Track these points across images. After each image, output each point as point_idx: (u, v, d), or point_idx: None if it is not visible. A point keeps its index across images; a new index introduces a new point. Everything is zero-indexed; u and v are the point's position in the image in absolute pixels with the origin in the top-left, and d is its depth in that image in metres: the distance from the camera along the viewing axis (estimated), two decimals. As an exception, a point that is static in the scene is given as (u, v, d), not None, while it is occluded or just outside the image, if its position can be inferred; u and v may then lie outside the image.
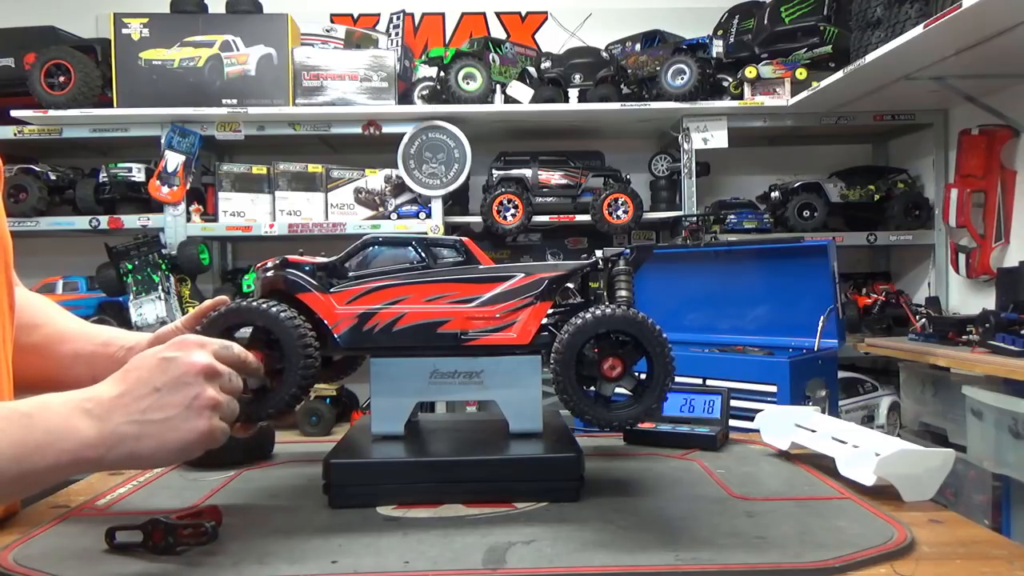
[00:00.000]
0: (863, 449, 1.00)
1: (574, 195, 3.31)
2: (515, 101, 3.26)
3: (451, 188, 3.22)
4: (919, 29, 2.26)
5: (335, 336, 0.99)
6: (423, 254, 1.02)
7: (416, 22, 3.90)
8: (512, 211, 3.22)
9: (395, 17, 3.76)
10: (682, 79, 3.17)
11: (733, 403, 1.34)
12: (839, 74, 2.76)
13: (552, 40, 3.83)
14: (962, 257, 3.03)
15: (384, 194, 3.28)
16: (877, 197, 3.36)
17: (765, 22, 3.25)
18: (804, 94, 3.04)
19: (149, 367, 0.81)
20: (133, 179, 3.20)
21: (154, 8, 3.20)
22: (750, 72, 3.18)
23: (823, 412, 1.62)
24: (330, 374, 1.18)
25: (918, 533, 0.83)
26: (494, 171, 3.32)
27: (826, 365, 2.35)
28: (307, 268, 1.01)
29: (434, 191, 3.22)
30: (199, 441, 0.80)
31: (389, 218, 3.27)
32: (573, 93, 3.36)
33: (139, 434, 0.78)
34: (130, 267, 3.05)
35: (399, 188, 3.27)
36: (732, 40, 3.41)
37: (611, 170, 3.38)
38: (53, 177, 3.21)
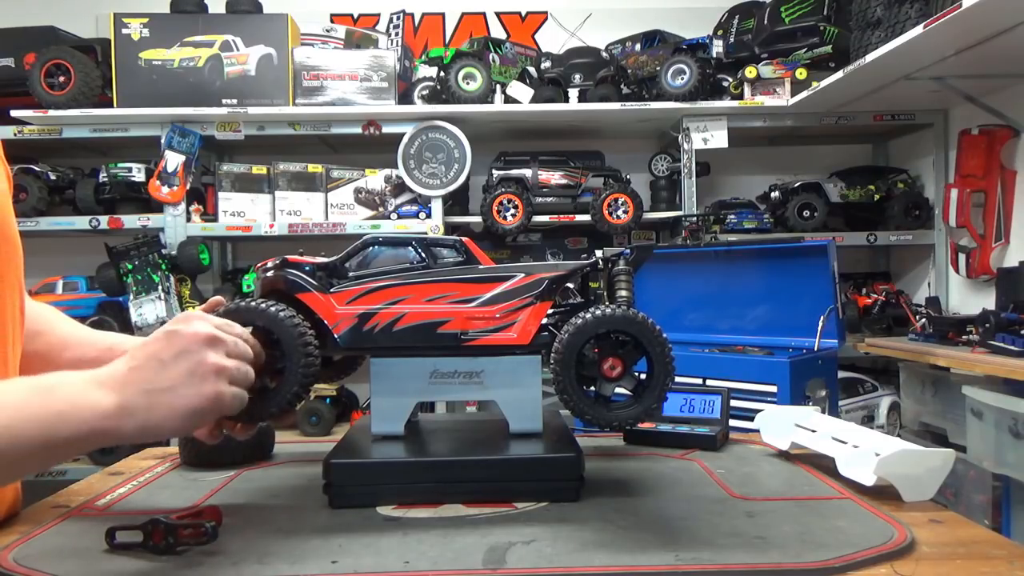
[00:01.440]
0: (863, 449, 1.00)
1: (574, 195, 3.31)
2: (515, 101, 3.26)
3: (451, 188, 3.22)
4: (919, 29, 2.26)
5: (335, 336, 0.99)
6: (423, 254, 1.02)
7: (416, 22, 3.90)
8: (512, 211, 3.22)
9: (395, 17, 3.76)
10: (682, 79, 3.17)
11: (733, 403, 1.34)
12: (839, 74, 2.76)
13: (552, 40, 3.83)
14: (962, 257, 3.03)
15: (384, 194, 3.28)
16: (877, 197, 3.36)
17: (765, 22, 3.25)
18: (804, 94, 3.04)
19: (156, 340, 0.85)
20: (133, 179, 3.20)
21: (154, 8, 3.20)
22: (750, 72, 3.18)
23: (823, 412, 1.62)
24: (330, 374, 1.18)
25: (918, 533, 0.83)
26: (494, 171, 3.32)
27: (826, 365, 2.35)
28: (307, 268, 1.01)
29: (434, 191, 3.22)
30: (208, 406, 0.83)
31: (389, 218, 3.27)
32: (573, 93, 3.36)
33: (149, 404, 0.81)
34: (130, 267, 3.05)
35: (399, 188, 3.27)
36: (732, 40, 3.41)
37: (611, 170, 3.38)
38: (53, 177, 3.21)
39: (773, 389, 2.22)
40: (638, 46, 3.32)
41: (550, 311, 1.02)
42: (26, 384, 0.81)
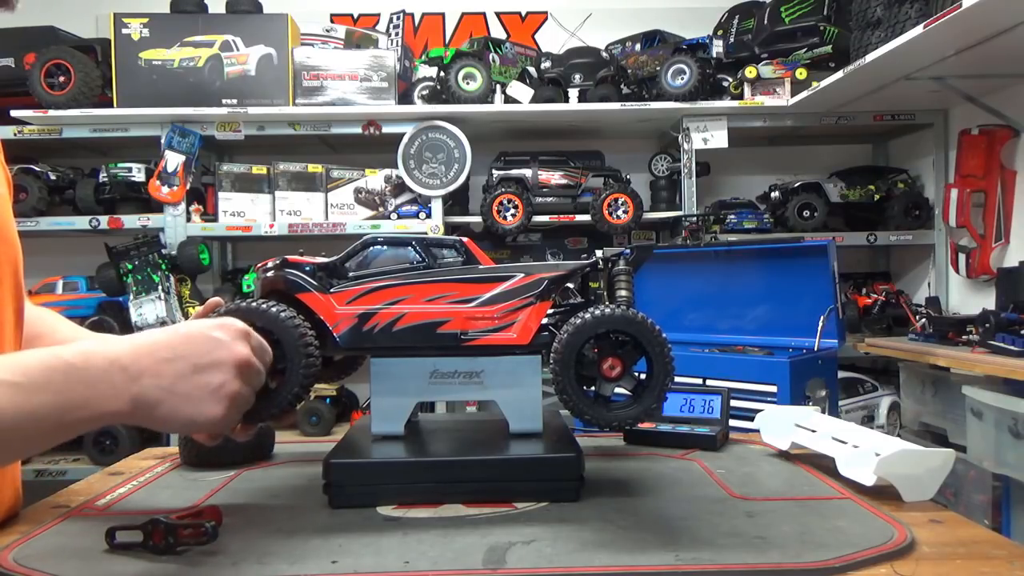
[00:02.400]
0: (863, 449, 1.00)
1: (574, 195, 3.31)
2: (515, 101, 3.26)
3: (451, 188, 3.22)
4: (919, 29, 2.26)
5: (335, 336, 0.99)
6: (423, 254, 1.02)
7: (416, 22, 3.90)
8: (512, 211, 3.22)
9: (395, 17, 3.76)
10: (682, 79, 3.17)
11: (733, 403, 1.34)
12: (839, 74, 2.76)
13: (552, 40, 3.83)
14: (962, 257, 3.03)
15: (384, 194, 3.28)
16: (877, 197, 3.36)
17: (765, 22, 3.25)
18: (804, 94, 3.04)
19: (199, 339, 0.84)
20: (133, 179, 3.20)
21: (154, 8, 3.20)
22: (750, 72, 3.18)
23: (823, 412, 1.62)
24: (330, 374, 1.18)
25: (918, 533, 0.83)
26: (494, 171, 3.32)
27: (826, 365, 2.35)
28: (307, 268, 1.01)
29: (434, 191, 3.22)
30: (208, 424, 0.84)
31: (389, 218, 3.27)
32: (573, 93, 3.36)
33: (160, 400, 0.81)
34: (130, 267, 3.05)
35: (399, 188, 3.27)
36: (732, 40, 3.41)
37: (611, 170, 3.38)
38: (53, 177, 3.21)
39: (773, 389, 2.22)
40: (638, 46, 3.32)
41: (550, 311, 1.02)
42: (49, 359, 0.78)
